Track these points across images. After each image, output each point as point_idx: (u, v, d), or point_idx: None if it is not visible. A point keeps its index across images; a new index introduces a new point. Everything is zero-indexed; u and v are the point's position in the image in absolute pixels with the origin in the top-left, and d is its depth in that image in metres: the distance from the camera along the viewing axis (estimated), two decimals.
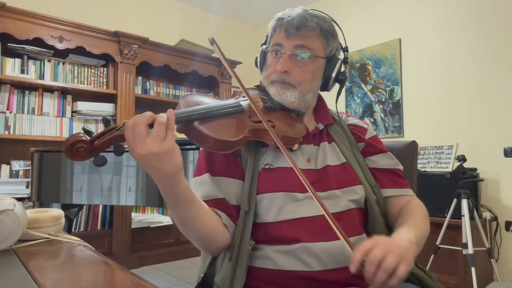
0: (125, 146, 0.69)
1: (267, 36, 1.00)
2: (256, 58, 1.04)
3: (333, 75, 0.96)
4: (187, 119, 0.75)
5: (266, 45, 1.00)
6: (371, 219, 0.91)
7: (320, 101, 1.04)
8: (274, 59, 0.95)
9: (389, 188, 0.96)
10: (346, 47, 1.00)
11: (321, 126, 0.98)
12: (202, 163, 0.91)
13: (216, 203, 0.86)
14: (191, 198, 0.76)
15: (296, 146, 0.91)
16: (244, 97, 0.89)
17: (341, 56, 1.00)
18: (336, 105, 1.00)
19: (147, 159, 0.66)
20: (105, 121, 0.69)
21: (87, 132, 0.66)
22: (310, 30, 0.91)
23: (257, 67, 1.03)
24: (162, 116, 0.67)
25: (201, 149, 0.94)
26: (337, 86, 1.00)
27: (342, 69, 0.98)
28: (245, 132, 0.82)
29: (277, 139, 0.80)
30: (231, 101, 0.88)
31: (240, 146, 0.82)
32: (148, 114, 0.67)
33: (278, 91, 0.92)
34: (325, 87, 0.98)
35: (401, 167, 1.00)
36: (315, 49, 0.92)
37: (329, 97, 1.03)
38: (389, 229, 0.92)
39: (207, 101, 0.85)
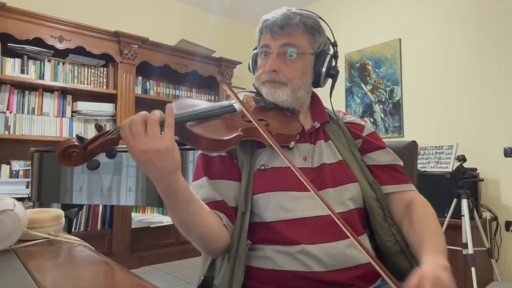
0: (116, 148, 0.72)
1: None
2: (249, 63, 1.05)
3: (323, 70, 0.96)
4: (178, 120, 0.76)
5: (256, 49, 1.01)
6: (371, 217, 0.91)
7: (316, 99, 1.04)
8: (263, 60, 0.97)
9: (388, 185, 0.94)
10: (335, 42, 1.00)
11: (317, 125, 0.98)
12: (200, 167, 0.92)
13: (216, 205, 0.86)
14: (190, 197, 0.76)
15: (292, 143, 0.91)
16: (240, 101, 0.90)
17: (332, 51, 1.00)
18: (330, 100, 1.00)
19: (148, 156, 0.67)
20: (98, 127, 0.71)
21: (80, 138, 0.68)
22: (294, 28, 0.92)
23: (251, 72, 1.05)
24: (154, 114, 0.69)
25: (199, 153, 0.95)
26: (330, 82, 1.00)
27: (333, 63, 0.99)
28: (238, 131, 0.82)
29: (268, 136, 0.79)
30: (223, 102, 0.89)
31: (235, 145, 0.82)
32: (143, 113, 0.69)
33: (269, 91, 0.93)
34: (317, 83, 0.98)
35: (400, 163, 0.98)
36: (301, 46, 0.93)
37: (326, 95, 1.03)
38: (388, 224, 0.91)
39: (199, 104, 0.85)
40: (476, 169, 2.59)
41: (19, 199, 1.77)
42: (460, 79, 2.99)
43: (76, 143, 0.67)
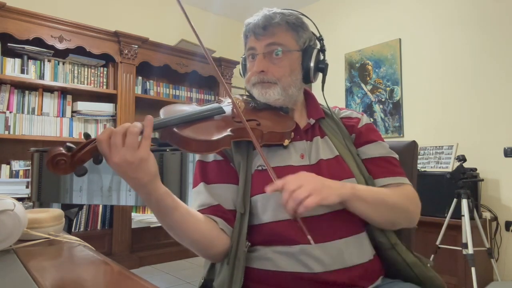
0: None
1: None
2: (239, 69, 1.06)
3: (312, 64, 0.96)
4: (165, 125, 0.76)
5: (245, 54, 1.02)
6: None
7: (309, 96, 1.04)
8: (251, 63, 0.97)
9: (381, 178, 0.93)
10: (321, 36, 1.00)
11: (312, 121, 0.98)
12: (197, 174, 0.93)
13: (212, 210, 0.86)
14: (171, 204, 0.76)
15: (286, 141, 0.91)
16: (229, 103, 0.90)
17: (318, 46, 1.00)
18: (323, 93, 1.00)
19: (122, 168, 0.68)
20: (86, 136, 0.72)
21: (69, 148, 0.70)
22: (276, 26, 0.93)
23: (242, 77, 1.05)
24: (135, 126, 0.69)
25: (197, 159, 0.96)
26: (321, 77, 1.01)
27: (321, 57, 0.99)
28: (228, 131, 0.82)
29: (250, 132, 0.79)
30: (212, 105, 0.88)
31: (226, 146, 0.82)
32: (126, 125, 0.70)
33: (260, 92, 0.94)
34: (308, 78, 0.97)
35: (395, 155, 0.97)
36: (286, 44, 0.94)
37: (329, 94, 1.03)
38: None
39: (187, 109, 0.85)
40: (476, 169, 2.59)
41: (19, 199, 1.77)
42: (460, 79, 2.99)
43: (63, 151, 0.68)
